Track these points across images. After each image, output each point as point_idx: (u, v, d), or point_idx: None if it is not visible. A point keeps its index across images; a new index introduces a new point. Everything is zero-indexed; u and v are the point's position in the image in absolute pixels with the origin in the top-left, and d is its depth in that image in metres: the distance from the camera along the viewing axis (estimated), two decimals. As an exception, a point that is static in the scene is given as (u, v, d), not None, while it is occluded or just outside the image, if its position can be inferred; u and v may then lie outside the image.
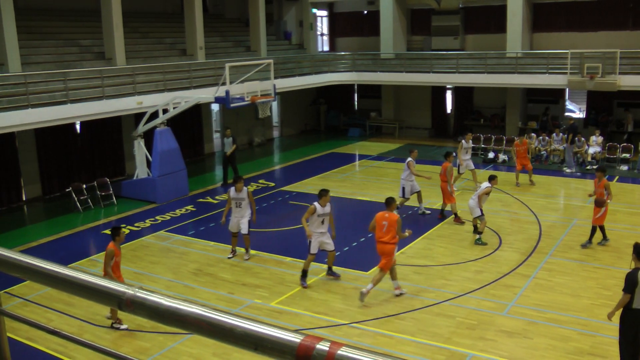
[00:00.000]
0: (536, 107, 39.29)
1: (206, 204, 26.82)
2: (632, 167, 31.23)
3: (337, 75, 40.84)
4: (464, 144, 27.37)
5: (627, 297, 12.07)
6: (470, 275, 18.30)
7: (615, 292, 16.28)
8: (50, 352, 14.16)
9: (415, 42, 43.96)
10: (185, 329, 2.71)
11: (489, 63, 36.62)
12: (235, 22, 42.65)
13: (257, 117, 31.19)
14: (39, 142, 28.06)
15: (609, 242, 20.25)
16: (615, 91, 32.82)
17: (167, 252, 21.27)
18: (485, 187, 20.78)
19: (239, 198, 19.76)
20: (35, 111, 23.39)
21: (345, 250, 20.46)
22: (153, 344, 14.57)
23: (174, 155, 27.59)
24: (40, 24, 30.22)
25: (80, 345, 3.36)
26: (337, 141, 41.32)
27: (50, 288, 3.24)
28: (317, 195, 17.62)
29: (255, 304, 16.79)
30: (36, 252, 21.13)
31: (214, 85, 28.98)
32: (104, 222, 24.87)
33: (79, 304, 16.55)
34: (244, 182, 20.21)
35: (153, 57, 31.99)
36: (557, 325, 14.97)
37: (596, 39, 36.63)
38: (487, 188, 20.75)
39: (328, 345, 2.37)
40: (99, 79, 26.27)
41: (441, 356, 13.73)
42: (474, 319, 15.49)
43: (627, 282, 12.13)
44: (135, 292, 2.84)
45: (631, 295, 12.06)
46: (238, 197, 19.75)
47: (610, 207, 24.46)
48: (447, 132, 42.75)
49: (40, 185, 28.46)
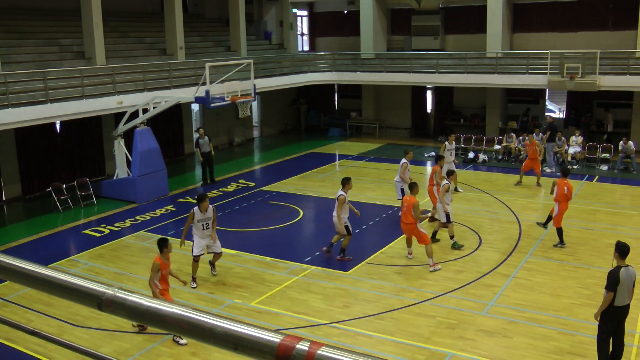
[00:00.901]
0: (516, 107, 39.47)
1: (186, 203, 26.73)
2: (612, 167, 31.40)
3: (317, 75, 40.84)
4: (447, 146, 27.20)
5: (611, 295, 12.16)
6: (450, 274, 18.33)
7: (595, 291, 16.41)
8: (30, 353, 14.10)
9: (395, 42, 44.04)
10: (165, 329, 2.72)
11: (469, 63, 36.74)
12: (215, 22, 42.56)
13: (237, 117, 31.11)
14: (19, 142, 27.88)
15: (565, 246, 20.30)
16: (595, 91, 32.99)
17: (147, 252, 21.19)
18: (444, 184, 20.67)
19: (206, 219, 17.64)
20: (15, 111, 23.24)
21: (326, 250, 20.46)
22: (133, 345, 14.53)
23: (154, 155, 27.51)
24: (20, 23, 30.08)
25: (60, 346, 3.35)
26: (317, 141, 41.32)
27: (30, 288, 3.23)
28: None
29: (235, 303, 16.77)
30: (16, 252, 21.02)
31: (194, 85, 28.97)
32: (83, 222, 24.77)
33: (59, 305, 16.49)
34: (209, 200, 18.06)
35: (133, 57, 31.85)
36: (537, 325, 15.03)
37: (576, 40, 36.82)
38: (445, 185, 20.62)
39: (308, 345, 2.38)
40: (79, 79, 26.13)
41: (421, 356, 13.75)
42: (454, 318, 15.53)
43: (609, 280, 12.22)
44: (115, 292, 2.84)
45: (614, 293, 12.15)
46: (205, 218, 17.61)
47: (590, 207, 24.66)
48: (427, 132, 42.80)
49: (20, 185, 28.28)
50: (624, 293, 12.26)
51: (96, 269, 19.57)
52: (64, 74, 26.50)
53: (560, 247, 20.11)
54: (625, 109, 36.00)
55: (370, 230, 22.75)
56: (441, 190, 20.46)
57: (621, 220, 23.26)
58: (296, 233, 23.46)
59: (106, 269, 19.57)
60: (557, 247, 20.14)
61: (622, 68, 32.62)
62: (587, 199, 26.04)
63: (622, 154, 30.84)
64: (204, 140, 29.47)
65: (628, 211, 24.48)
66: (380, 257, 19.90)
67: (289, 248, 21.00)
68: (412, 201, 18.46)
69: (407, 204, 18.63)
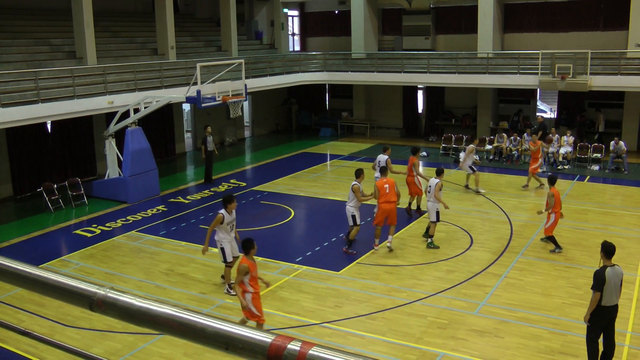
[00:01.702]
0: (508, 108, 39.51)
1: (177, 203, 26.73)
2: (603, 167, 31.47)
3: (309, 75, 40.81)
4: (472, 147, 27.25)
5: (598, 295, 12.19)
6: (441, 274, 18.36)
7: (586, 291, 16.40)
8: (21, 353, 14.06)
9: (386, 42, 44.06)
10: (156, 329, 2.71)
11: (460, 63, 36.78)
12: (207, 22, 42.54)
13: (229, 117, 31.12)
14: (10, 141, 27.82)
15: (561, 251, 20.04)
16: (587, 91, 33.05)
17: (138, 252, 21.18)
18: (436, 183, 20.65)
19: (233, 220, 17.13)
20: (6, 110, 23.19)
21: (317, 250, 20.48)
22: (124, 345, 14.51)
23: (145, 155, 27.46)
24: (11, 22, 30.01)
25: (51, 346, 3.34)
26: (308, 141, 41.32)
27: (21, 288, 3.23)
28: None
29: (226, 303, 16.76)
30: (7, 252, 20.98)
31: (185, 85, 28.94)
32: (75, 222, 24.72)
33: (50, 305, 16.46)
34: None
35: (124, 57, 31.79)
36: (528, 324, 15.06)
37: (567, 40, 36.91)
38: (439, 183, 20.63)
39: (299, 345, 2.38)
40: (70, 79, 26.07)
41: (412, 356, 13.76)
42: (445, 318, 15.55)
43: (595, 280, 12.26)
44: (106, 292, 2.84)
45: (600, 293, 12.18)
46: (232, 220, 17.08)
47: (582, 207, 24.73)
48: (419, 132, 42.83)
49: (11, 185, 28.23)
50: (610, 293, 12.29)
51: (87, 269, 19.53)
52: (55, 73, 26.45)
53: (559, 252, 19.85)
54: (616, 109, 36.09)
55: (361, 231, 22.74)
56: (435, 188, 20.45)
57: (612, 220, 23.32)
58: (287, 233, 23.45)
59: (97, 269, 19.54)
60: (556, 252, 19.84)
61: (613, 68, 32.68)
62: (578, 199, 26.11)
63: (613, 154, 30.90)
64: (210, 138, 29.54)
65: (619, 211, 24.54)
66: (371, 257, 19.91)
67: (280, 248, 20.98)
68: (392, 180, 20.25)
69: (388, 184, 19.91)
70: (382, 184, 19.97)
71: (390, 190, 19.85)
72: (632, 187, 28.07)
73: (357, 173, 20.37)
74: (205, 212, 25.20)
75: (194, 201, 26.98)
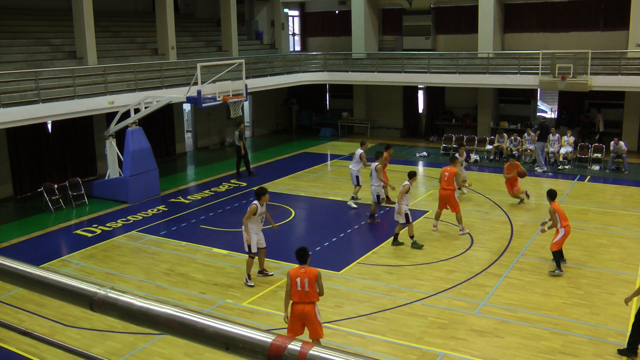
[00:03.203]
0: (508, 108, 39.51)
1: (178, 203, 26.73)
2: (603, 167, 31.45)
3: (309, 75, 40.79)
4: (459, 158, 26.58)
5: None
6: (441, 274, 18.35)
7: (587, 291, 16.44)
8: (22, 353, 14.06)
9: (386, 42, 44.04)
10: (157, 329, 2.72)
11: (460, 63, 36.76)
12: (207, 22, 42.53)
13: (229, 117, 31.13)
14: (11, 141, 27.83)
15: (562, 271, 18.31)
16: (587, 91, 33.04)
17: (138, 252, 21.18)
18: (404, 185, 20.49)
19: (263, 212, 17.84)
20: (6, 111, 23.19)
21: (317, 250, 20.46)
22: (124, 345, 14.50)
23: (145, 155, 27.46)
24: (11, 22, 30.02)
25: (52, 346, 3.34)
26: (308, 141, 41.30)
27: (22, 288, 3.23)
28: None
29: (227, 303, 16.76)
30: (7, 252, 20.98)
31: (185, 85, 28.94)
32: (75, 222, 24.72)
33: (51, 305, 16.46)
34: None
35: (124, 57, 31.79)
36: (529, 324, 15.05)
37: (568, 40, 36.90)
38: (406, 186, 20.46)
39: (300, 345, 2.38)
40: (71, 79, 26.07)
41: (413, 356, 13.76)
42: (446, 318, 15.55)
43: None
44: (106, 292, 2.84)
45: None
46: (263, 212, 17.79)
47: (582, 207, 24.72)
48: (419, 132, 42.80)
49: (12, 185, 28.24)
50: None
51: (88, 269, 19.54)
52: (55, 73, 26.46)
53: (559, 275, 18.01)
54: (616, 109, 36.08)
55: (362, 230, 22.77)
56: (400, 191, 20.30)
57: (612, 220, 23.30)
58: (288, 233, 23.42)
59: (98, 269, 19.54)
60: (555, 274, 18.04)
61: (613, 68, 32.66)
62: (578, 198, 26.10)
63: (614, 154, 30.89)
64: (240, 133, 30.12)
65: (619, 211, 24.53)
66: (371, 257, 19.91)
67: (280, 248, 20.96)
68: (453, 170, 21.86)
69: (448, 173, 21.82)
70: (443, 171, 22.12)
71: (449, 178, 21.70)
72: (632, 187, 28.06)
73: (377, 155, 23.58)
74: (206, 212, 25.21)
75: (194, 201, 26.99)
